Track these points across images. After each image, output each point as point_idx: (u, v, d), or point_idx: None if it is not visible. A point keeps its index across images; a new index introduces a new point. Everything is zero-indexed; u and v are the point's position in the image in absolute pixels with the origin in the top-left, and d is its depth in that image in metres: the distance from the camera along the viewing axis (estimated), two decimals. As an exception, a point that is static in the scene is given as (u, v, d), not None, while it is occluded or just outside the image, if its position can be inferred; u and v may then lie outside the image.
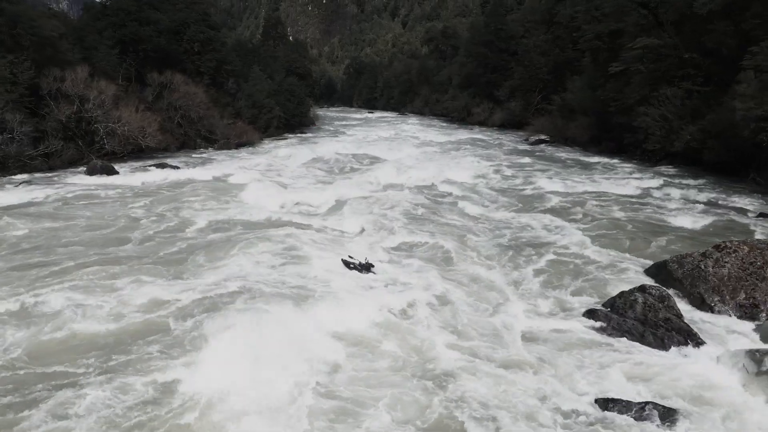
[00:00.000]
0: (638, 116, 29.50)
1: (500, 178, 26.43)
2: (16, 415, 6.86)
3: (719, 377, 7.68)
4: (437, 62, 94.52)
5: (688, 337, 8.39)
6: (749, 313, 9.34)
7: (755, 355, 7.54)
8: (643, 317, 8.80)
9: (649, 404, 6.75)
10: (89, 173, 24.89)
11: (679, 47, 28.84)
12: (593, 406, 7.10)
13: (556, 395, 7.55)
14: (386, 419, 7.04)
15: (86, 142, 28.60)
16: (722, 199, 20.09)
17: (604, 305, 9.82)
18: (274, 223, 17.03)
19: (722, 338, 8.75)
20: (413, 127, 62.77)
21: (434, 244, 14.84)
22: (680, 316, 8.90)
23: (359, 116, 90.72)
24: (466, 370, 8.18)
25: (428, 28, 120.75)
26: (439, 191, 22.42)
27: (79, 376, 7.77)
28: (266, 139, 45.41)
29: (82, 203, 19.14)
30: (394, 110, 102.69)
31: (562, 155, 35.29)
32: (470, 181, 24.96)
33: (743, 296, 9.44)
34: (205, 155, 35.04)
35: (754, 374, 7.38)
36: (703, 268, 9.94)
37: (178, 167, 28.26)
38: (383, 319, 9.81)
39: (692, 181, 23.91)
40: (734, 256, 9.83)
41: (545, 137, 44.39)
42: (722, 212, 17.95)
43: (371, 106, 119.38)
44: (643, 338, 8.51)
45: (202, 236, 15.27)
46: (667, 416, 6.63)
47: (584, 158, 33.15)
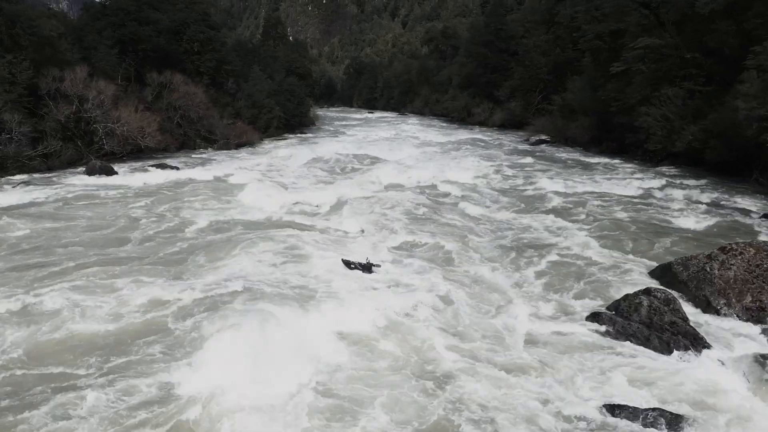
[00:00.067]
0: (639, 116, 29.35)
1: (501, 178, 26.30)
2: (16, 415, 6.82)
3: (726, 382, 7.56)
4: (437, 62, 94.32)
5: (694, 341, 8.26)
6: (756, 316, 9.21)
7: (762, 359, 7.42)
8: (648, 321, 8.66)
9: (656, 411, 6.62)
10: (88, 174, 24.76)
11: (680, 47, 28.69)
12: (599, 411, 6.97)
13: (558, 399, 7.43)
14: (384, 419, 7.01)
15: (85, 142, 28.45)
16: (725, 199, 19.97)
17: (608, 308, 9.69)
18: (274, 223, 16.94)
19: (729, 342, 8.62)
20: (413, 127, 62.65)
21: (435, 244, 14.72)
22: (686, 319, 8.77)
23: (359, 116, 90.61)
24: (466, 371, 8.07)
25: (428, 28, 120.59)
26: (439, 191, 22.30)
27: (79, 376, 7.73)
28: (266, 139, 45.29)
29: (81, 204, 19.03)
30: (394, 110, 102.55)
31: (562, 155, 35.17)
32: (471, 181, 24.83)
33: (750, 299, 9.31)
34: (204, 155, 34.90)
35: (761, 379, 7.26)
36: (708, 270, 9.81)
37: (177, 167, 28.11)
38: (384, 319, 9.70)
39: (694, 181, 23.79)
40: (740, 258, 9.69)
41: (546, 137, 44.25)
42: (725, 213, 17.82)
43: (371, 106, 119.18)
44: (648, 342, 8.39)
45: (202, 236, 15.15)
46: (674, 423, 6.50)
47: (585, 158, 33.03)
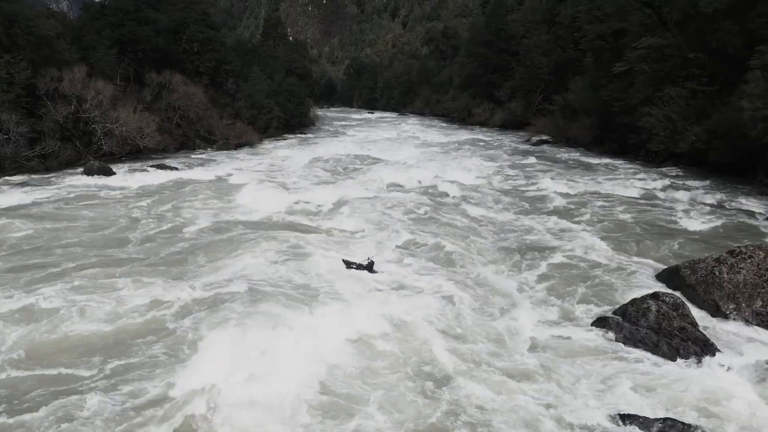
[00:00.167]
0: (642, 116, 29.14)
1: (503, 178, 26.10)
2: (16, 417, 6.77)
3: (738, 390, 7.35)
4: (437, 63, 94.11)
5: (704, 347, 8.05)
6: (766, 321, 8.99)
7: (776, 366, 7.23)
8: (656, 326, 8.44)
9: (667, 421, 6.40)
10: (86, 174, 24.57)
11: (683, 47, 28.49)
12: (609, 420, 6.75)
13: (561, 405, 7.23)
14: (383, 420, 6.95)
15: (84, 142, 28.25)
16: (729, 200, 19.75)
17: (614, 313, 9.46)
18: (274, 223, 16.79)
19: (739, 348, 8.40)
20: (414, 127, 62.48)
21: (437, 245, 14.53)
22: (695, 324, 8.56)
23: (359, 117, 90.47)
24: (467, 374, 7.92)
25: (428, 28, 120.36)
26: (441, 192, 22.09)
27: (80, 377, 7.71)
28: (266, 139, 45.10)
29: (80, 204, 18.89)
30: (394, 111, 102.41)
31: (564, 156, 34.96)
32: (472, 181, 24.62)
33: (760, 304, 9.09)
34: (204, 156, 34.71)
35: (774, 386, 7.06)
36: (717, 274, 9.59)
37: (176, 168, 27.92)
38: (385, 320, 9.59)
39: (698, 182, 23.57)
40: (749, 261, 9.47)
41: (547, 138, 44.05)
42: (731, 215, 17.61)
43: (371, 106, 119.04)
44: (657, 348, 8.17)
45: (202, 237, 14.99)
46: (686, 434, 6.29)
47: (587, 159, 32.82)
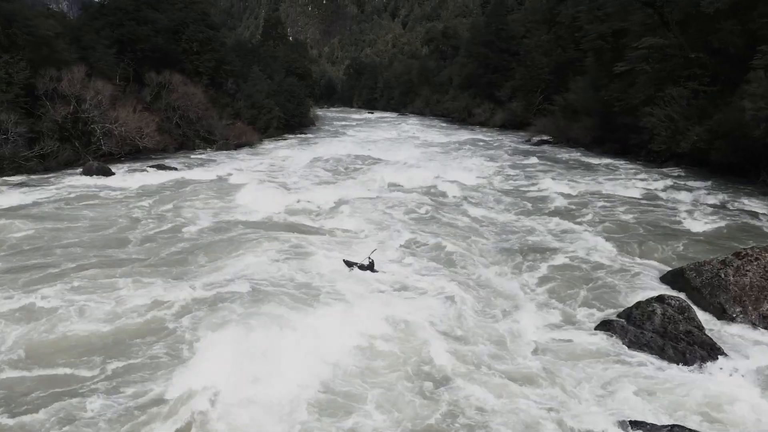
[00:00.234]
0: (643, 116, 29.02)
1: (504, 179, 25.98)
2: (16, 418, 6.74)
3: (745, 394, 7.23)
4: (438, 63, 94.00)
5: (711, 351, 7.92)
6: (773, 324, 8.87)
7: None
8: (662, 330, 8.31)
9: (675, 428, 6.27)
10: (85, 175, 24.45)
11: (684, 47, 28.38)
12: (615, 426, 6.63)
13: (564, 410, 7.11)
14: (381, 419, 6.91)
15: (83, 143, 28.10)
16: (732, 201, 19.61)
17: (619, 316, 9.32)
18: (275, 223, 16.68)
19: (746, 352, 8.26)
20: (414, 127, 62.36)
21: (439, 245, 14.43)
22: (701, 328, 8.42)
23: (359, 117, 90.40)
24: (468, 377, 7.83)
25: (428, 28, 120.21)
26: (442, 192, 21.96)
27: (80, 378, 7.68)
28: (266, 139, 44.98)
29: (79, 205, 18.80)
30: (394, 111, 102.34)
31: (565, 156, 34.83)
32: (473, 182, 24.49)
33: (767, 307, 8.96)
34: (203, 156, 34.59)
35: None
36: (723, 276, 9.46)
37: (176, 168, 27.79)
38: (386, 320, 9.51)
39: (700, 182, 23.45)
40: (756, 264, 9.34)
41: (547, 138, 43.92)
42: (733, 215, 17.48)
43: (371, 106, 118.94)
44: (662, 352, 8.04)
45: (202, 237, 14.89)
46: (695, 441, 6.16)
47: (588, 159, 32.69)
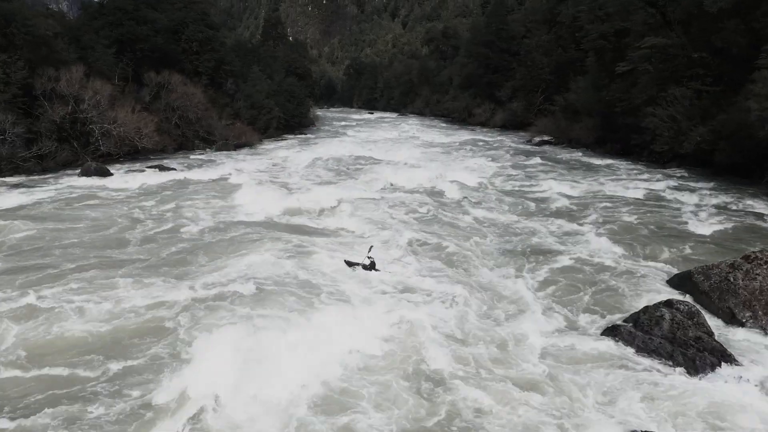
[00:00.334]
0: (646, 117, 28.79)
1: (505, 179, 25.78)
2: (18, 418, 6.71)
3: (759, 404, 7.02)
4: (438, 63, 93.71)
5: (721, 357, 7.71)
6: (784, 329, 8.66)
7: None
8: (671, 335, 8.10)
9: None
10: (84, 175, 24.26)
11: (687, 47, 28.17)
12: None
13: (567, 417, 6.92)
14: (379, 418, 6.87)
15: (81, 143, 27.90)
16: (737, 202, 19.41)
17: (625, 321, 9.11)
18: (275, 224, 16.52)
19: (759, 358, 8.05)
20: (414, 127, 62.16)
21: (440, 246, 14.26)
22: (711, 334, 8.21)
23: (359, 117, 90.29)
24: (468, 381, 7.68)
25: (428, 28, 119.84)
26: (443, 193, 21.76)
27: (81, 378, 7.64)
28: (265, 140, 44.78)
29: (78, 205, 18.66)
30: (394, 111, 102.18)
31: (566, 156, 34.63)
32: (475, 182, 24.29)
33: (778, 311, 8.77)
34: (203, 156, 34.38)
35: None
36: (732, 280, 9.26)
37: (174, 169, 27.57)
38: (387, 321, 9.41)
39: (704, 183, 23.25)
40: (766, 267, 9.14)
41: (548, 138, 43.71)
42: (739, 217, 17.28)
43: (371, 106, 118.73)
44: (671, 359, 7.84)
45: (202, 238, 14.72)
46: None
47: (590, 160, 32.48)
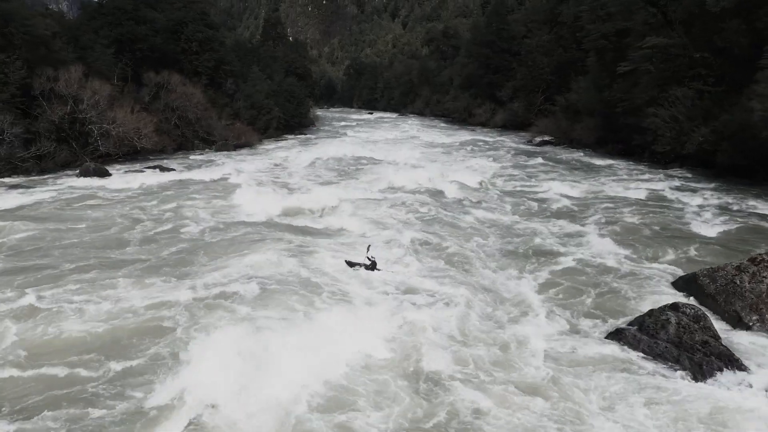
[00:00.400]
0: (647, 117, 28.65)
1: (506, 180, 25.64)
2: (16, 420, 6.67)
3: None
4: (438, 63, 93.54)
5: (729, 362, 7.55)
6: (792, 333, 8.51)
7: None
8: (677, 339, 7.95)
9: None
10: (82, 176, 24.15)
11: (689, 46, 28.02)
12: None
13: (570, 423, 6.78)
14: (378, 421, 6.81)
15: (80, 143, 27.76)
16: (740, 203, 19.25)
17: (630, 324, 8.96)
18: (275, 224, 16.40)
19: (766, 363, 7.87)
20: (414, 128, 62.04)
21: (442, 247, 14.14)
22: (718, 338, 8.06)
23: (359, 117, 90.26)
24: (469, 384, 7.57)
25: (429, 28, 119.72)
26: (444, 193, 21.60)
27: (79, 379, 7.60)
28: (265, 140, 44.66)
29: (77, 206, 18.57)
30: (394, 111, 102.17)
31: (568, 157, 34.47)
32: (476, 182, 24.14)
33: (785, 315, 8.62)
34: (202, 157, 34.26)
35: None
36: (738, 283, 9.11)
37: (173, 169, 27.45)
38: (388, 323, 9.33)
39: (706, 184, 23.10)
40: (773, 270, 9.01)
41: (549, 138, 43.58)
42: (742, 218, 17.12)
43: (371, 106, 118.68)
44: (678, 363, 7.68)
45: (201, 239, 14.61)
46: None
47: (591, 160, 32.32)
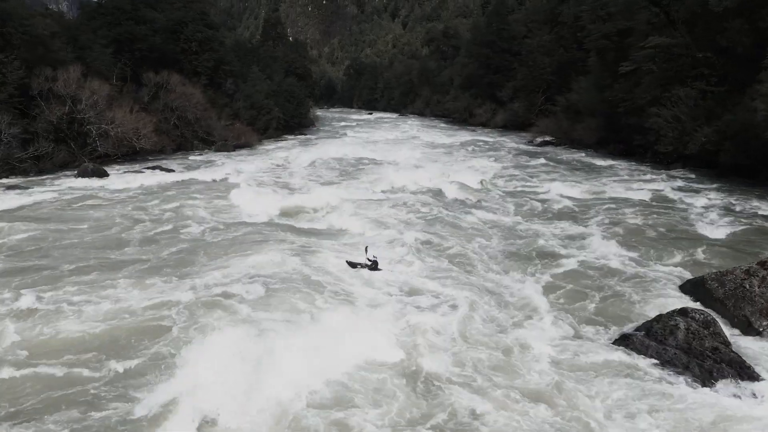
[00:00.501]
0: (649, 117, 28.48)
1: (507, 180, 25.46)
2: (15, 421, 6.71)
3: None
4: (438, 63, 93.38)
5: (740, 370, 7.37)
6: (803, 339, 8.34)
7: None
8: (686, 346, 7.77)
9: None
10: (80, 176, 23.97)
11: (691, 46, 27.84)
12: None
13: (575, 431, 6.61)
14: (378, 421, 6.79)
15: (78, 144, 27.58)
16: (743, 203, 19.10)
17: (637, 329, 8.77)
18: (275, 225, 16.27)
19: (777, 370, 7.73)
20: (414, 128, 61.85)
21: (444, 247, 13.98)
22: (728, 344, 7.88)
23: (359, 117, 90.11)
24: (472, 389, 7.44)
25: (429, 28, 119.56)
26: (445, 194, 21.43)
27: (79, 380, 7.56)
28: (265, 140, 44.50)
29: (76, 206, 18.45)
30: (394, 111, 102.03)
31: (569, 157, 34.29)
32: (477, 183, 23.97)
33: (796, 321, 8.44)
34: (202, 157, 34.08)
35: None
36: (747, 287, 8.93)
37: (173, 170, 27.26)
38: (390, 323, 9.23)
39: (709, 184, 22.93)
40: (783, 274, 8.83)
41: (550, 139, 43.40)
42: (747, 219, 16.96)
43: (371, 107, 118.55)
44: (687, 370, 7.50)
45: (200, 240, 14.46)
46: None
47: (593, 160, 32.15)
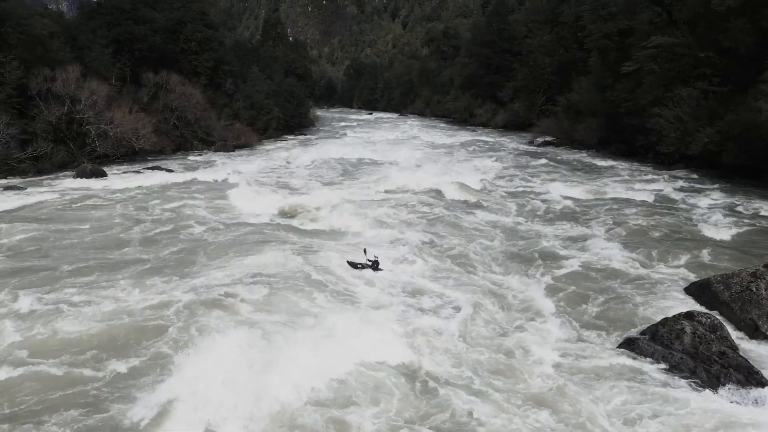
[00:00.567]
0: (651, 117, 28.32)
1: (508, 180, 25.33)
2: (16, 418, 6.70)
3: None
4: (438, 63, 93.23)
5: (748, 375, 7.23)
6: (811, 343, 8.20)
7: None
8: (693, 350, 7.64)
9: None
10: (79, 177, 23.85)
11: (693, 46, 27.69)
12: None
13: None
14: (378, 421, 6.77)
15: (77, 144, 27.45)
16: (747, 204, 18.97)
17: (643, 333, 8.63)
18: (275, 225, 16.19)
19: (786, 375, 7.59)
20: (415, 128, 61.73)
21: (445, 248, 13.87)
22: (735, 348, 7.75)
23: (359, 117, 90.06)
24: (473, 391, 7.37)
25: (429, 28, 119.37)
26: (445, 194, 21.29)
27: (79, 380, 7.54)
28: (265, 140, 44.40)
29: (75, 207, 18.37)
30: (394, 111, 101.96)
31: (570, 158, 34.15)
32: (478, 183, 23.83)
33: (804, 324, 8.31)
34: (201, 157, 33.98)
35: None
36: (754, 290, 8.79)
37: (171, 170, 27.13)
38: (389, 324, 9.16)
39: (712, 185, 22.79)
40: (790, 277, 8.69)
41: (551, 139, 43.24)
42: (751, 219, 16.83)
43: (372, 107, 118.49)
44: (694, 375, 7.37)
45: (199, 240, 14.36)
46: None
47: (594, 161, 32.00)
